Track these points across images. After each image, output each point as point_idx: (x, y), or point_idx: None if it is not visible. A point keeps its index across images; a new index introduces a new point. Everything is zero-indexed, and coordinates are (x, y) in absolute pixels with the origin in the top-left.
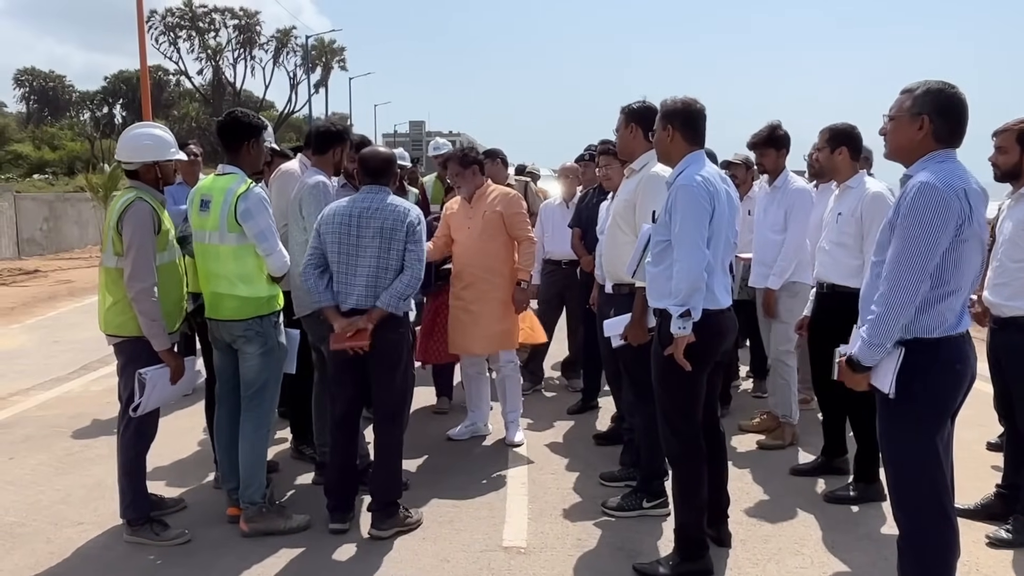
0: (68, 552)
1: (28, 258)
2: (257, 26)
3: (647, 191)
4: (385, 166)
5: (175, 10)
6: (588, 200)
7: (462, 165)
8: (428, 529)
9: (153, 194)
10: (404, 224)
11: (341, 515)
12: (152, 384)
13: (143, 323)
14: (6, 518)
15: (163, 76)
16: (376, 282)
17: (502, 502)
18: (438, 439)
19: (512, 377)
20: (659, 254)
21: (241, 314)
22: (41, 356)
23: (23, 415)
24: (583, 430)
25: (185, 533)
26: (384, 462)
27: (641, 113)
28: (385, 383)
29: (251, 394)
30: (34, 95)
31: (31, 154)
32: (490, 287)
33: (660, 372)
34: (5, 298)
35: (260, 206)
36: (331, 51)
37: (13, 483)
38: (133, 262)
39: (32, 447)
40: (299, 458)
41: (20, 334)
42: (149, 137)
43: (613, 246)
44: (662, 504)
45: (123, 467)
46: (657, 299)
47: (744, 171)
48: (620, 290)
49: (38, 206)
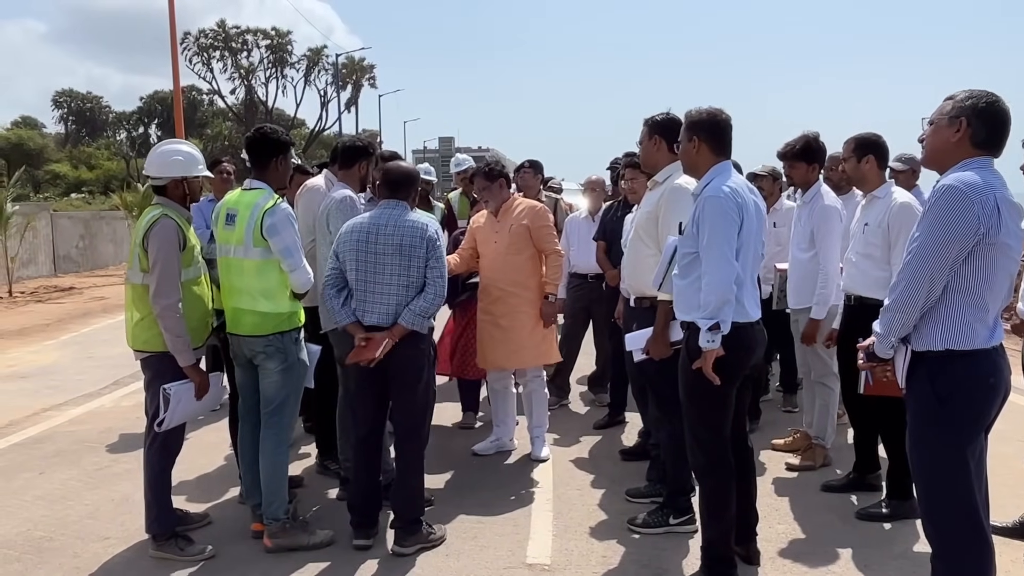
0: (94, 567)
1: (64, 275)
2: (289, 46)
3: (670, 203)
4: (405, 180)
5: (208, 31)
6: (612, 213)
7: (488, 179)
8: (452, 545)
9: (179, 211)
10: (424, 240)
11: (365, 531)
12: (176, 399)
13: (168, 339)
14: (35, 532)
15: (197, 96)
16: (398, 300)
17: (527, 518)
18: (463, 454)
19: (538, 392)
20: (686, 266)
21: (261, 330)
22: (74, 372)
23: (55, 430)
24: (609, 445)
25: (209, 548)
26: (405, 479)
27: (664, 125)
28: (405, 400)
29: (271, 410)
30: (72, 116)
31: (68, 174)
32: (518, 301)
33: (688, 386)
34: (41, 315)
35: (286, 222)
36: (361, 69)
37: (43, 497)
38: (158, 278)
39: (63, 462)
40: (324, 473)
41: (54, 350)
42: (178, 153)
43: (635, 259)
44: (689, 521)
45: (149, 482)
46: (685, 312)
47: (771, 183)
48: (642, 303)
49: (74, 224)
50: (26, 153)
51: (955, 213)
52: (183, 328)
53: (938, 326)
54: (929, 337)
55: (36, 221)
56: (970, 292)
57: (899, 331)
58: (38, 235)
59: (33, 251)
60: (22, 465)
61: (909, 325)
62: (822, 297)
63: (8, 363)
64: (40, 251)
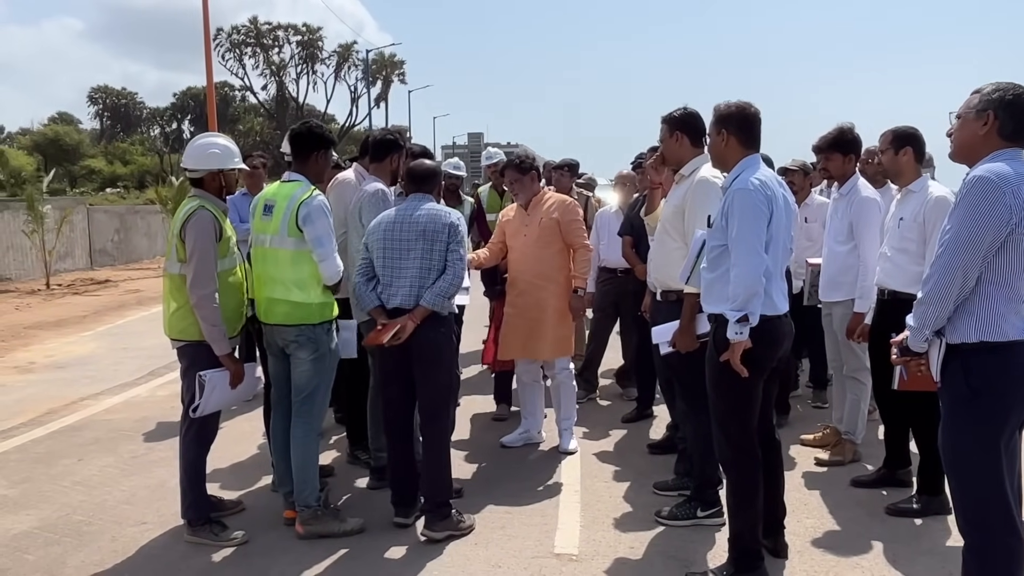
0: (131, 550)
1: (100, 268)
2: (319, 42)
3: (696, 196)
4: (429, 175)
5: (241, 28)
6: (638, 208)
7: (519, 172)
8: (480, 534)
9: (215, 203)
10: (446, 226)
11: (404, 509)
12: (212, 386)
13: (204, 328)
14: (74, 516)
15: (229, 92)
16: (420, 283)
17: (554, 509)
18: (493, 446)
19: (566, 385)
20: (715, 259)
21: (293, 319)
22: (110, 362)
23: (92, 419)
24: (637, 439)
25: (242, 534)
26: (432, 461)
27: (684, 120)
28: (428, 381)
29: (302, 399)
30: (107, 112)
31: (104, 169)
32: (546, 294)
33: (715, 378)
34: (78, 307)
35: (320, 212)
36: (391, 65)
37: (82, 483)
38: (195, 269)
39: (100, 449)
40: (354, 463)
41: (91, 341)
42: (215, 146)
43: (662, 253)
44: (716, 514)
45: (184, 469)
46: (713, 304)
47: (801, 177)
48: (669, 297)
49: (109, 218)
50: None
51: (987, 204)
52: (219, 317)
53: (972, 318)
54: (963, 329)
55: (73, 215)
56: (1004, 283)
57: (933, 324)
58: (75, 229)
59: (70, 245)
60: (61, 452)
61: (943, 318)
62: (864, 290)
63: (46, 354)
64: (77, 245)
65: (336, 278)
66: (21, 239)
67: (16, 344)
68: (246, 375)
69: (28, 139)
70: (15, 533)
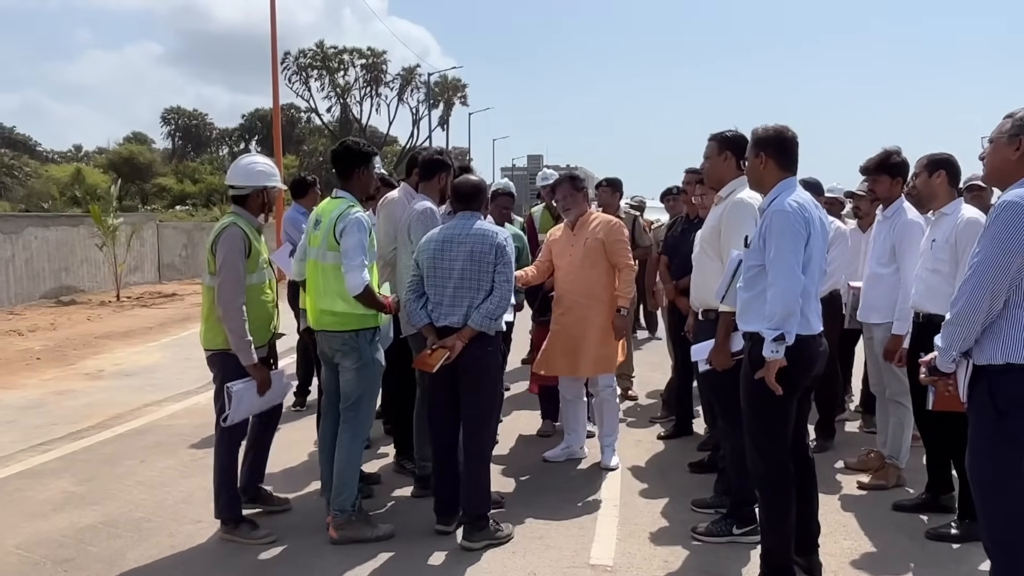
0: (186, 547)
1: (167, 282)
2: (384, 65)
3: (732, 217)
4: (475, 193)
5: (308, 51)
6: (675, 228)
7: (574, 187)
8: (518, 544)
9: (249, 220)
10: (493, 247)
11: (446, 517)
12: (239, 397)
13: (231, 339)
14: (135, 514)
15: (295, 113)
16: (468, 303)
17: (592, 522)
18: (536, 460)
19: (609, 402)
20: (751, 279)
21: (338, 327)
22: (174, 372)
23: (155, 423)
24: (678, 456)
25: (272, 534)
26: (472, 474)
27: (735, 141)
28: (472, 397)
29: (347, 406)
30: (179, 132)
31: (174, 187)
32: (590, 312)
33: (749, 395)
34: (146, 319)
35: (355, 226)
36: (453, 88)
37: (143, 483)
38: (222, 282)
39: (161, 452)
40: (400, 472)
41: (157, 351)
42: (260, 164)
43: (701, 273)
44: (753, 531)
45: (217, 471)
46: (749, 323)
47: (868, 203)
48: (708, 316)
49: (178, 234)
50: (136, 167)
51: (1015, 228)
52: (245, 329)
53: (999, 339)
54: (990, 350)
55: (143, 231)
56: None
57: (960, 345)
58: (145, 244)
59: (140, 259)
60: (125, 454)
61: (970, 339)
62: (903, 312)
63: (115, 362)
64: (146, 259)
65: (356, 290)
66: (95, 253)
67: (87, 352)
68: (273, 381)
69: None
70: (81, 527)
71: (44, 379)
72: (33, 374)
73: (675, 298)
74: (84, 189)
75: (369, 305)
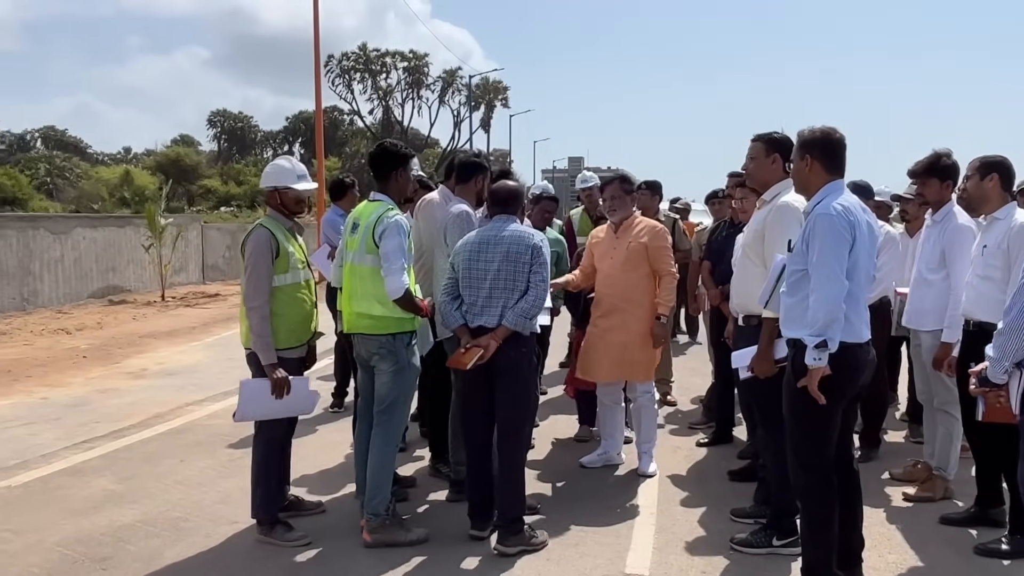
0: (222, 547)
1: (211, 283)
2: (426, 68)
3: (775, 221)
4: (512, 197)
5: (351, 54)
6: (718, 233)
7: (623, 190)
8: (553, 551)
9: (280, 222)
10: (529, 248)
11: (480, 522)
12: (248, 394)
13: (252, 338)
14: (173, 513)
15: (338, 115)
16: (503, 303)
17: (629, 530)
18: (572, 466)
19: (647, 408)
20: (795, 283)
21: (375, 330)
22: (216, 371)
23: (195, 423)
24: (717, 464)
25: (306, 537)
26: (507, 478)
27: (782, 143)
28: (506, 398)
29: (382, 410)
30: (224, 135)
31: (219, 188)
32: (630, 317)
33: (792, 404)
34: (189, 318)
35: (394, 229)
36: (494, 90)
37: (182, 483)
38: (247, 282)
39: (200, 452)
40: (436, 475)
41: (199, 351)
42: (274, 166)
43: (743, 278)
44: (793, 543)
45: (253, 471)
46: (792, 329)
47: (916, 207)
48: (750, 321)
49: (222, 236)
50: (182, 169)
51: None
52: (266, 329)
53: None
54: None
55: (188, 232)
56: None
57: (1013, 355)
58: (189, 245)
59: (184, 260)
60: (165, 453)
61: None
62: (953, 319)
63: (158, 361)
64: (191, 260)
65: (397, 294)
66: (141, 253)
67: (131, 351)
68: (295, 389)
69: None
70: (119, 525)
71: (90, 377)
72: (79, 372)
73: (719, 303)
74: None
75: (408, 309)
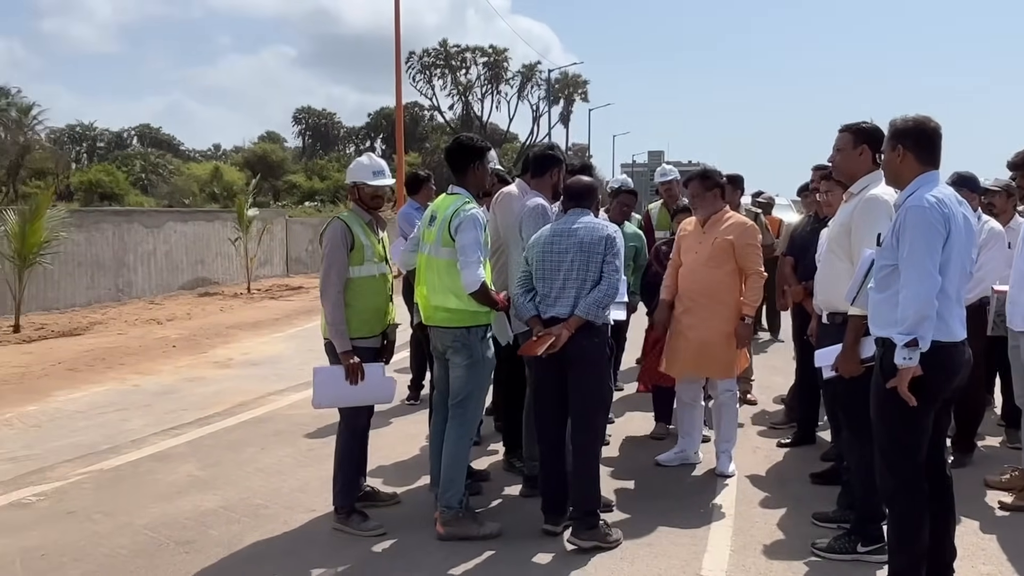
0: (299, 534)
1: (294, 276)
2: (505, 62)
3: (864, 214)
4: (586, 191)
5: (431, 50)
6: (802, 228)
7: (703, 186)
8: (627, 550)
9: (358, 215)
10: (603, 239)
11: (553, 517)
12: (321, 380)
13: (328, 327)
14: (253, 500)
15: (418, 111)
16: (576, 293)
17: (705, 531)
18: (647, 464)
19: (729, 406)
20: (884, 279)
21: (450, 323)
22: (297, 362)
23: (275, 412)
24: (798, 466)
25: (381, 527)
26: (581, 470)
27: (871, 133)
28: (580, 389)
29: (456, 403)
30: (309, 131)
31: (303, 184)
32: (712, 315)
33: (880, 406)
34: (272, 310)
35: (471, 223)
36: (574, 84)
37: (262, 470)
38: (322, 273)
39: (280, 441)
40: (510, 470)
41: (281, 342)
42: (356, 162)
43: (828, 273)
44: (879, 550)
45: (335, 459)
46: (881, 327)
47: (1004, 199)
48: (835, 319)
49: (305, 230)
50: (268, 165)
51: None
52: (339, 317)
53: None
54: None
55: (273, 226)
56: None
57: None
58: (274, 239)
59: (269, 253)
60: (247, 441)
61: None
62: None
63: (243, 351)
64: (275, 253)
65: (472, 287)
66: (228, 247)
67: (218, 342)
68: (370, 375)
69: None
70: (202, 510)
71: (178, 366)
72: (169, 361)
73: (801, 300)
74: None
75: (483, 302)
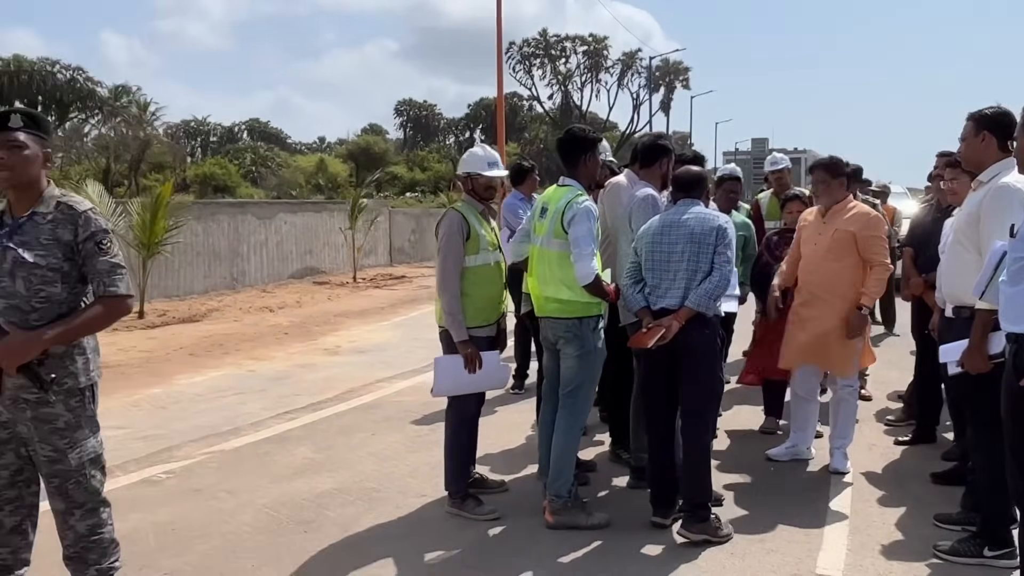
0: (412, 518)
1: (398, 265)
2: (605, 51)
3: (993, 203)
4: (696, 182)
5: (531, 40)
6: (923, 218)
7: (829, 174)
8: (738, 545)
9: (472, 205)
10: (714, 229)
11: (662, 510)
12: (442, 370)
13: (444, 316)
14: (366, 483)
15: (517, 101)
16: (687, 284)
17: (819, 529)
18: (757, 458)
19: (848, 402)
20: (1019, 272)
21: (562, 314)
22: (403, 350)
23: (384, 399)
24: (918, 465)
25: (496, 512)
26: (691, 461)
27: (995, 119)
28: (690, 380)
29: (567, 392)
30: (410, 123)
31: (405, 175)
32: (830, 309)
33: (1012, 405)
34: (378, 299)
35: (584, 215)
36: (675, 71)
37: (374, 455)
38: (439, 263)
39: (390, 427)
40: (616, 461)
41: (387, 330)
42: (469, 154)
43: (954, 265)
44: (1008, 555)
45: (445, 446)
46: (1014, 322)
47: None
48: (961, 313)
49: (407, 220)
50: (371, 156)
51: None
52: (456, 307)
53: None
54: None
55: (377, 216)
56: None
57: None
58: (378, 229)
59: (374, 243)
60: (357, 426)
61: None
62: None
63: (351, 339)
64: (379, 243)
65: (586, 280)
66: (335, 237)
67: (327, 329)
68: (486, 363)
69: (344, 148)
70: (319, 491)
71: (290, 352)
72: (281, 348)
73: (922, 292)
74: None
75: (596, 294)
